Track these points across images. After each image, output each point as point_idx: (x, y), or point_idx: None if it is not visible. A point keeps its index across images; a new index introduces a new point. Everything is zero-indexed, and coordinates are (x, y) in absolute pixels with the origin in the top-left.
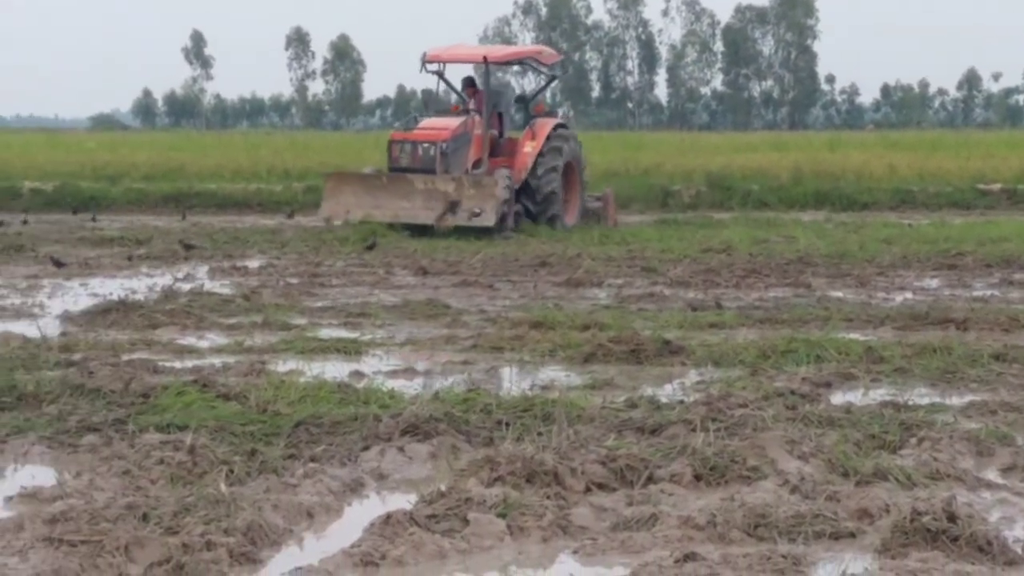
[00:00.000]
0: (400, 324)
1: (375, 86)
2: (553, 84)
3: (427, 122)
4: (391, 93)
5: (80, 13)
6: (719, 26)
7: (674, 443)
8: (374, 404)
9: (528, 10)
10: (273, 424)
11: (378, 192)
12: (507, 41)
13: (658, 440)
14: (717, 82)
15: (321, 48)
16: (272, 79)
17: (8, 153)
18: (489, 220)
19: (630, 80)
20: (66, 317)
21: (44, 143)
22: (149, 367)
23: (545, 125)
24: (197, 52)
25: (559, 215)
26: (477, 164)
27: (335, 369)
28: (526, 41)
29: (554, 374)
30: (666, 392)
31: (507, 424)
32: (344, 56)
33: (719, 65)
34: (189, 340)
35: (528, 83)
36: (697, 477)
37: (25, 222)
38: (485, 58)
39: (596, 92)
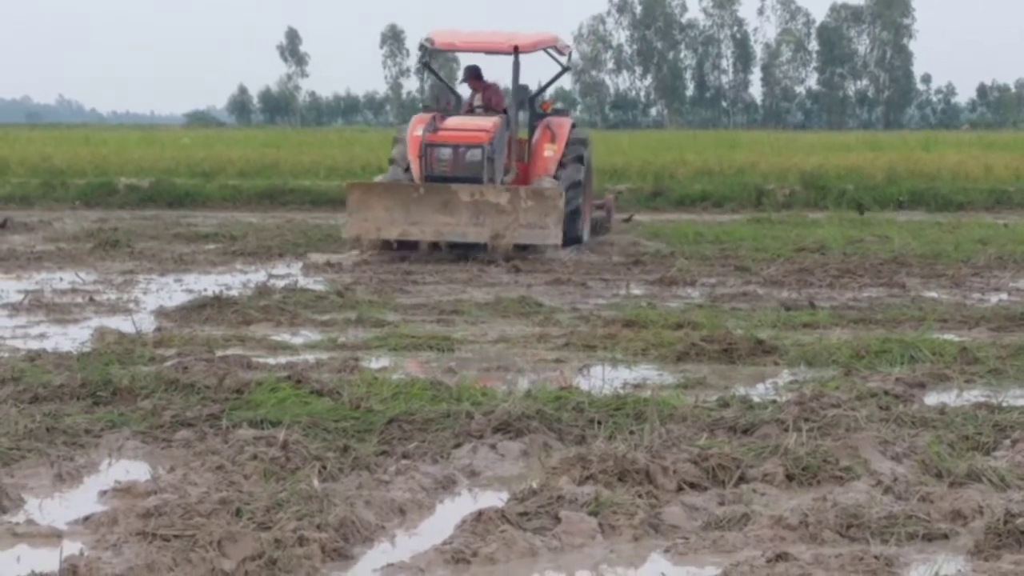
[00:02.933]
0: (492, 321)
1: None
2: (560, 77)
3: (456, 121)
4: None
5: (176, 11)
6: (814, 25)
7: (766, 443)
8: (466, 401)
9: (623, 8)
10: (366, 420)
11: (415, 206)
12: (602, 40)
13: (750, 439)
14: (812, 81)
15: (416, 46)
16: (367, 76)
17: (105, 149)
18: (555, 237)
19: (724, 79)
20: (161, 313)
21: (140, 140)
22: (243, 363)
23: (562, 126)
24: (292, 49)
25: (581, 235)
26: (505, 170)
27: (427, 365)
28: (621, 40)
29: (646, 373)
30: (759, 391)
31: (599, 422)
32: (438, 53)
33: (814, 64)
34: (283, 336)
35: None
36: (789, 477)
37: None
38: (516, 48)
39: (690, 91)
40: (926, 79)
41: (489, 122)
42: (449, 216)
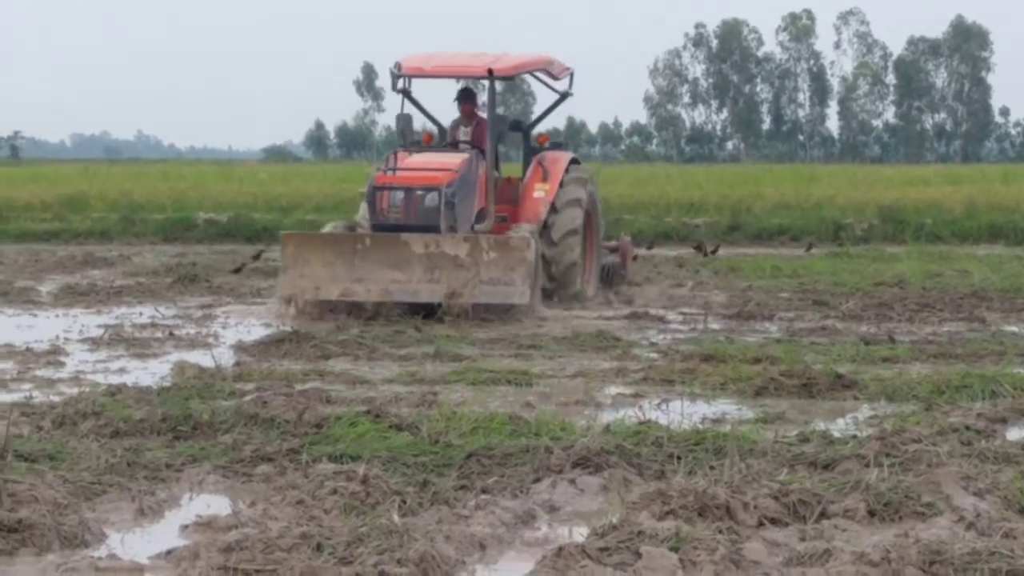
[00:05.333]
0: (570, 356)
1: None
2: (560, 105)
3: (416, 159)
4: (560, 125)
5: (253, 48)
6: (891, 58)
7: (847, 478)
8: (545, 436)
9: (699, 42)
10: (445, 455)
11: (359, 260)
12: (678, 74)
13: (831, 475)
14: (889, 114)
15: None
16: (443, 111)
17: (183, 184)
18: (521, 296)
19: (801, 112)
20: (240, 347)
21: (217, 175)
22: (322, 397)
23: (557, 161)
24: (368, 84)
25: (582, 290)
26: (480, 215)
27: (506, 400)
28: (697, 74)
29: (725, 407)
30: (839, 427)
31: (679, 457)
32: (514, 88)
33: (891, 97)
34: (361, 370)
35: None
36: (871, 513)
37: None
38: (490, 71)
39: (766, 124)
40: (1004, 112)
41: (455, 159)
42: (399, 271)
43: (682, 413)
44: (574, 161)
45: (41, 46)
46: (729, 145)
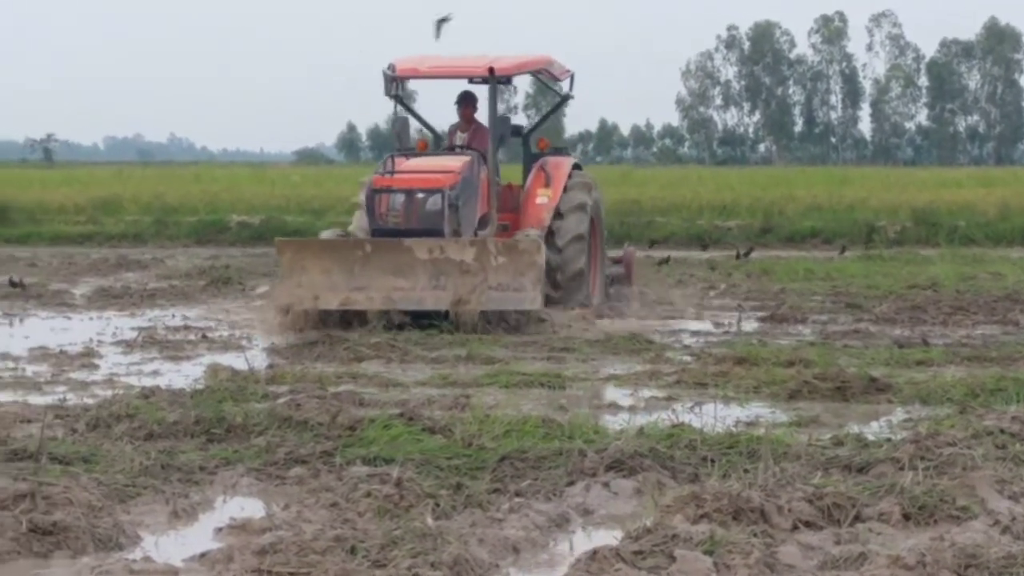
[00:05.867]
0: (603, 359)
1: (576, 120)
2: (561, 108)
3: (415, 162)
4: (592, 127)
5: (284, 50)
6: (924, 60)
7: (882, 481)
8: (578, 439)
9: (731, 44)
10: (478, 458)
11: (360, 266)
12: (710, 76)
13: (865, 478)
14: (922, 117)
15: (523, 83)
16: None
17: (216, 187)
18: (532, 301)
19: (833, 115)
20: (273, 350)
21: (250, 177)
22: (355, 400)
23: (560, 166)
24: (402, 87)
25: (588, 300)
26: (482, 222)
27: (539, 403)
28: (729, 76)
29: (759, 410)
30: (873, 430)
31: (712, 460)
32: (546, 91)
33: (924, 100)
34: (394, 373)
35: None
36: (906, 516)
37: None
38: (492, 70)
39: (799, 126)
40: None
41: (457, 162)
42: (402, 278)
43: (715, 416)
44: (575, 167)
45: (73, 49)
46: (761, 147)
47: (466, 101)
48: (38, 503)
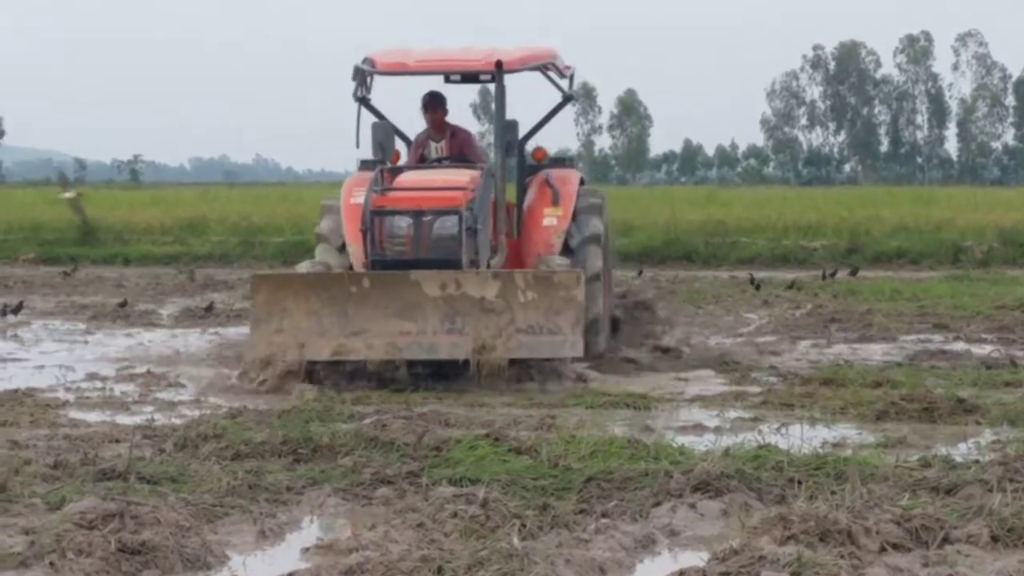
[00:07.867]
0: (688, 379)
1: (661, 141)
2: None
3: (416, 176)
4: (677, 148)
5: None
6: (1011, 80)
7: (970, 503)
8: (664, 460)
9: (817, 64)
10: (564, 478)
11: (355, 307)
12: (795, 96)
13: (954, 500)
14: (1009, 136)
15: (608, 103)
16: (560, 133)
17: (302, 207)
18: (572, 346)
19: (919, 134)
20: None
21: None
22: (441, 420)
23: (568, 181)
24: (485, 107)
25: (599, 346)
26: (493, 252)
27: (624, 424)
28: (814, 96)
29: (846, 432)
30: (961, 451)
31: (799, 482)
32: (631, 111)
33: (1011, 119)
34: (479, 394)
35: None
36: (995, 538)
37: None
38: (499, 63)
39: (884, 147)
40: None
41: (465, 176)
42: (409, 321)
43: (802, 437)
44: (581, 182)
45: (160, 72)
46: (847, 167)
47: (434, 104)
48: (127, 523)
